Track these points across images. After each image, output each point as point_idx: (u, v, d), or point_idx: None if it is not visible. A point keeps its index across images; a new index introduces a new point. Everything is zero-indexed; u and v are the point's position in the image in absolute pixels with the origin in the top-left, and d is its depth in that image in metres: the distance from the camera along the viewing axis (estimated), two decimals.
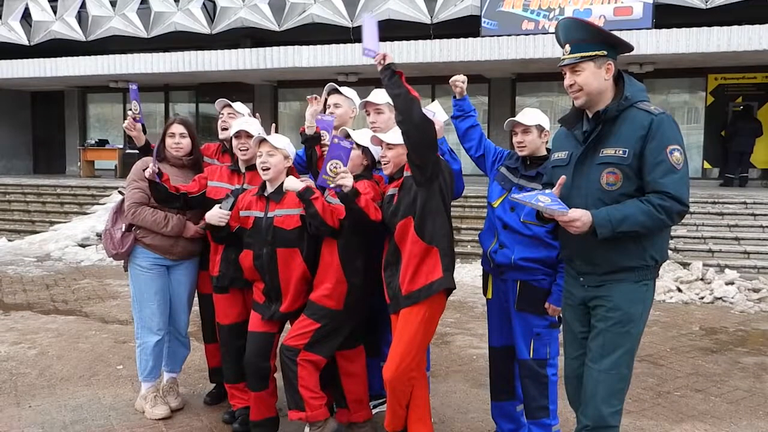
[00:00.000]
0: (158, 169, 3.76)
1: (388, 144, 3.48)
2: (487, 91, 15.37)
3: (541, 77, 14.60)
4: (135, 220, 3.99)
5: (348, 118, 4.11)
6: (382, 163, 3.52)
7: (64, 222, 12.52)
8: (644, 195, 2.64)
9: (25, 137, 19.80)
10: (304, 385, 3.50)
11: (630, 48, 2.86)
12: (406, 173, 3.35)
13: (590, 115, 2.80)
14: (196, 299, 4.38)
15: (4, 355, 5.37)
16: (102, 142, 17.47)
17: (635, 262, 2.71)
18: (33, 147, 19.98)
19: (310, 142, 3.97)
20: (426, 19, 14.13)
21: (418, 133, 3.17)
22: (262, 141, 3.66)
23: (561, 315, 3.24)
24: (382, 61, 3.25)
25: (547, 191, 2.76)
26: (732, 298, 7.74)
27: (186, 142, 4.11)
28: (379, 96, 3.97)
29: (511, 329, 3.47)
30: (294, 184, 3.43)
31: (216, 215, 3.71)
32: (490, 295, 3.60)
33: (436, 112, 3.84)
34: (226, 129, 4.31)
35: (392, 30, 14.17)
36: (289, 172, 3.73)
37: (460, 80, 3.78)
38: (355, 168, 3.59)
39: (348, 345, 3.69)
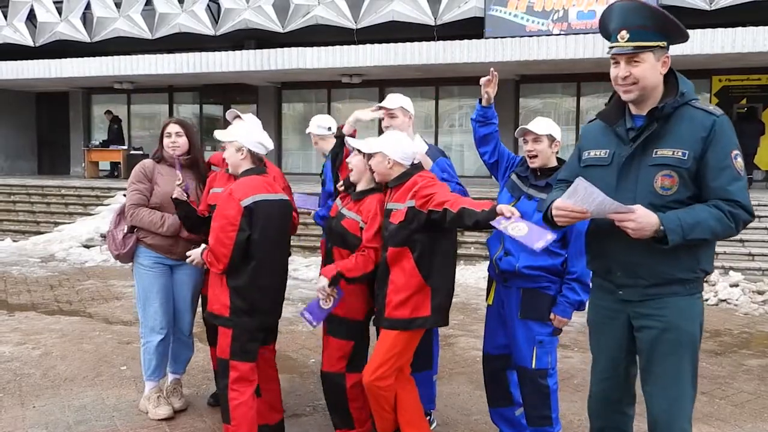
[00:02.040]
0: (186, 190, 3.89)
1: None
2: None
3: (545, 79, 14.59)
4: (133, 221, 4.05)
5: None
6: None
7: (69, 223, 12.55)
8: (702, 203, 2.42)
9: (30, 138, 19.86)
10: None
11: (687, 38, 2.58)
12: (410, 202, 3.27)
13: (633, 111, 2.56)
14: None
15: (8, 356, 5.38)
16: (107, 143, 17.50)
17: (686, 273, 2.48)
18: (38, 148, 20.04)
19: (341, 139, 3.96)
20: (430, 20, 14.13)
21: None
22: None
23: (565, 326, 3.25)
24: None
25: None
26: (736, 300, 7.72)
27: (182, 141, 4.14)
28: (393, 100, 3.97)
29: (511, 338, 3.44)
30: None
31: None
32: (491, 302, 3.59)
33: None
34: None
35: (396, 32, 14.20)
36: (255, 161, 3.55)
37: (489, 88, 3.59)
38: (360, 174, 3.54)
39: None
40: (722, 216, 2.38)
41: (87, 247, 11.15)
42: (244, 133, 3.56)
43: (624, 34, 2.46)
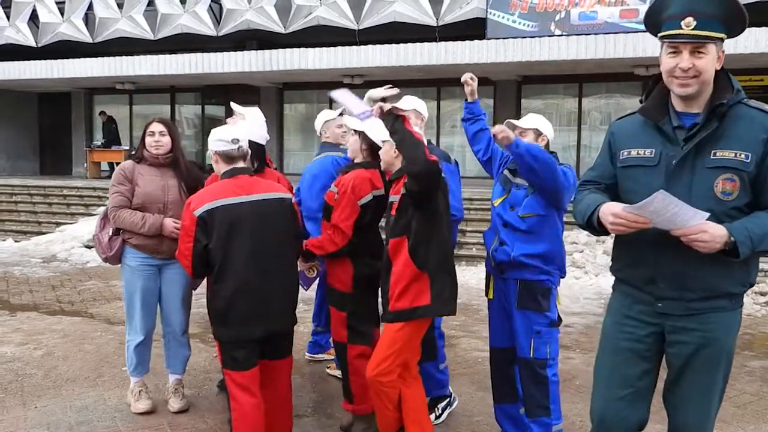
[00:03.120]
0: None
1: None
2: (492, 93, 15.36)
3: (547, 79, 14.58)
4: (116, 223, 4.10)
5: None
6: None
7: (71, 223, 12.56)
8: (760, 210, 2.27)
9: (32, 138, 19.88)
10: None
11: (737, 35, 2.37)
12: (403, 190, 3.31)
13: (678, 108, 2.35)
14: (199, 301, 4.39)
15: (10, 356, 5.38)
16: (108, 144, 17.51)
17: (736, 287, 2.32)
18: (39, 148, 20.05)
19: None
20: (431, 21, 14.12)
21: (426, 177, 3.16)
22: None
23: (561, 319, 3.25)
24: (381, 112, 3.20)
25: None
26: None
27: (166, 140, 4.16)
28: (408, 102, 4.08)
29: (512, 329, 3.50)
30: None
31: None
32: (491, 296, 3.64)
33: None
34: None
35: (398, 32, 14.19)
36: (229, 162, 3.40)
37: (469, 77, 3.71)
38: (354, 153, 3.69)
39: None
40: None
41: (89, 247, 11.14)
42: (212, 137, 3.41)
43: (690, 21, 2.20)
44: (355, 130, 3.67)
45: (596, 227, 2.40)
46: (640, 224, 2.22)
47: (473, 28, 13.62)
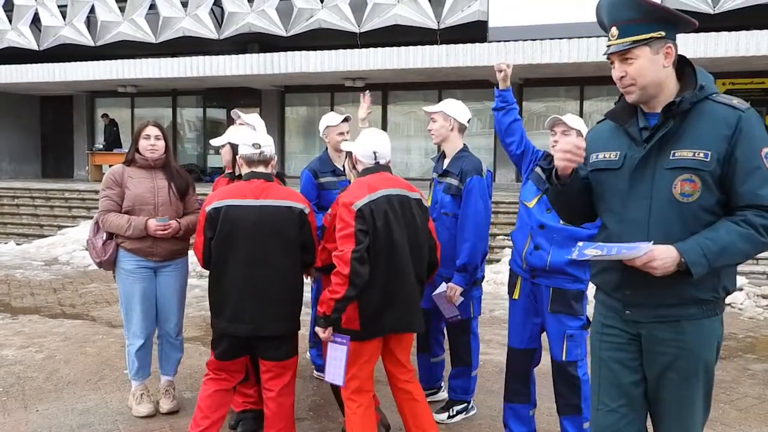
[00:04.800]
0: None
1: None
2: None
3: (548, 82, 14.58)
4: (104, 227, 4.11)
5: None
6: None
7: (72, 226, 12.57)
8: (730, 210, 2.16)
9: (34, 141, 19.91)
10: None
11: (692, 24, 2.26)
12: None
13: (645, 109, 2.30)
14: (200, 304, 4.39)
15: (11, 359, 5.38)
16: (110, 147, 17.52)
17: (705, 293, 2.20)
18: (41, 151, 20.09)
19: None
20: (433, 24, 14.13)
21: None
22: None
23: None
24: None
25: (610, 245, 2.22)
26: (741, 304, 7.69)
27: (161, 144, 4.18)
28: (438, 104, 4.11)
29: (537, 332, 3.52)
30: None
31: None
32: (517, 296, 3.58)
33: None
34: None
35: (399, 35, 14.20)
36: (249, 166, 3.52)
37: (505, 64, 3.65)
38: (348, 174, 3.65)
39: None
40: (752, 233, 2.09)
41: None
42: (235, 139, 3.67)
43: (614, 31, 2.22)
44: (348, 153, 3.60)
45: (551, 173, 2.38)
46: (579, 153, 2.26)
47: (474, 31, 13.63)
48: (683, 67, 2.29)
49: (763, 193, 2.09)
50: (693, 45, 11.03)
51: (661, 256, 2.09)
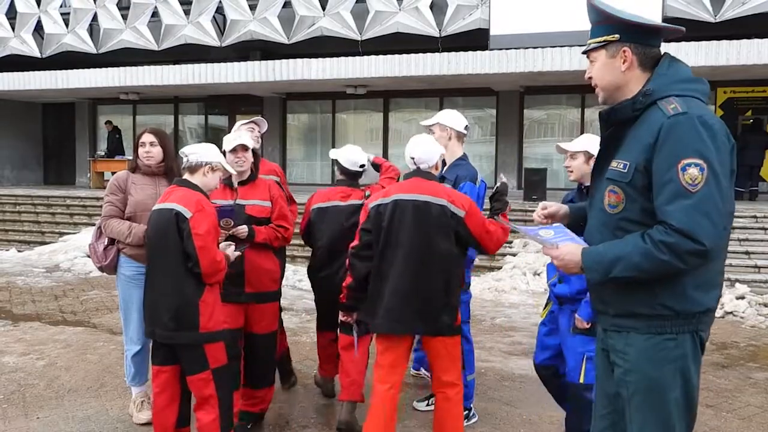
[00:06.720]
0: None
1: None
2: (495, 103, 15.40)
3: (550, 90, 14.61)
4: (106, 232, 4.14)
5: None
6: None
7: (74, 233, 12.57)
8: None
9: (36, 148, 19.94)
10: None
11: (656, 29, 2.17)
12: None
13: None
14: None
15: (12, 366, 5.38)
16: (112, 154, 17.55)
17: (644, 308, 2.09)
18: (43, 158, 20.12)
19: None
20: (434, 32, 14.17)
21: None
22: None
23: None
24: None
25: (556, 225, 2.34)
26: (743, 312, 7.67)
27: (156, 151, 4.20)
28: (435, 116, 4.26)
29: (560, 352, 3.61)
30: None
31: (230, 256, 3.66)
32: (543, 316, 3.76)
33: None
34: None
35: (401, 43, 14.24)
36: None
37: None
38: None
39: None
40: (649, 249, 1.98)
41: None
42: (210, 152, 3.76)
43: (590, 32, 2.27)
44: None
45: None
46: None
47: (476, 39, 13.67)
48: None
49: (670, 209, 1.97)
50: (694, 53, 11.06)
51: (564, 255, 2.17)
